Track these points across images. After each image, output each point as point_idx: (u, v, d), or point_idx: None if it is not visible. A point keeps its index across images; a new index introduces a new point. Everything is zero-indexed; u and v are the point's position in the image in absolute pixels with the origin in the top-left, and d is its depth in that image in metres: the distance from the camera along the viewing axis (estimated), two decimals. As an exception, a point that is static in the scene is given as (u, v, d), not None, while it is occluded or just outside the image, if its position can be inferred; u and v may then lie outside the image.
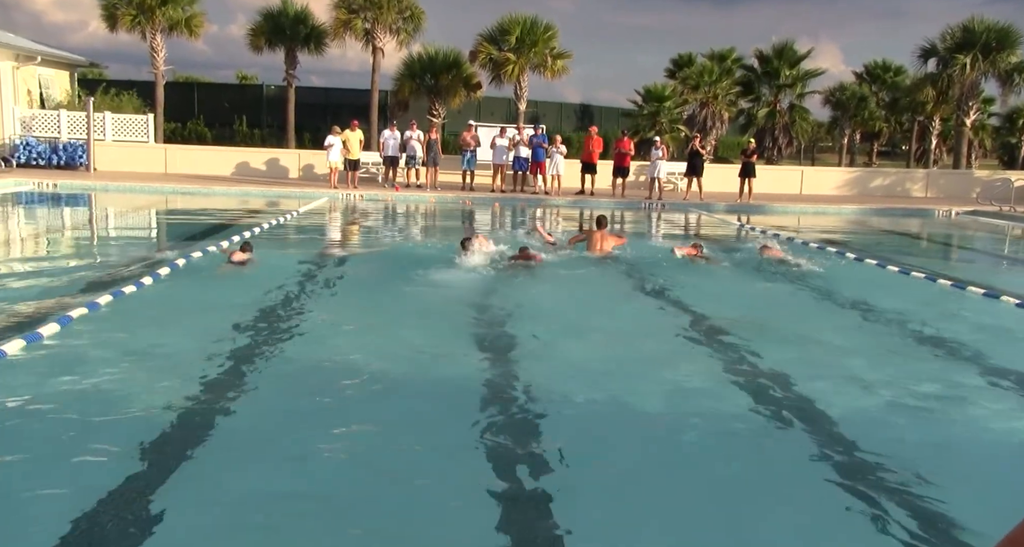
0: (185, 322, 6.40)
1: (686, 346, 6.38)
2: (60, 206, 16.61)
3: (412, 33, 26.33)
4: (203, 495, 3.53)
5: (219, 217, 15.17)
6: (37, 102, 23.60)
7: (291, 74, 28.02)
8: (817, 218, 19.25)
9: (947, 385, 5.44)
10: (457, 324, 6.76)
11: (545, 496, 3.57)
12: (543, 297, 8.09)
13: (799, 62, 31.56)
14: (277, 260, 9.52)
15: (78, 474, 3.67)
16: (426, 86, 26.92)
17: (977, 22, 26.49)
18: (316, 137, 26.12)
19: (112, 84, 26.91)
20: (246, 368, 5.25)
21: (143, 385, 4.80)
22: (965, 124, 28.21)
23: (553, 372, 5.42)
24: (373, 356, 5.62)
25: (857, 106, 36.43)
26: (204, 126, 31.41)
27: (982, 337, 6.93)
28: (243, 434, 4.24)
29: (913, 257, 12.61)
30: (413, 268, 8.95)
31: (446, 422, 4.54)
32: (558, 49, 26.12)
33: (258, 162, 23.97)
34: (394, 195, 20.06)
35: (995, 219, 18.89)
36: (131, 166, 22.57)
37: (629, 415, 4.74)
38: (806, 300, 8.58)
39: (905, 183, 26.00)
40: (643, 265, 9.95)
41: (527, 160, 21.14)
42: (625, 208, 19.55)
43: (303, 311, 7.01)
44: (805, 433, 4.50)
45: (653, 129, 27.96)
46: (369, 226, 15.31)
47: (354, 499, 3.59)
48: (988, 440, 4.56)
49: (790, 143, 32.54)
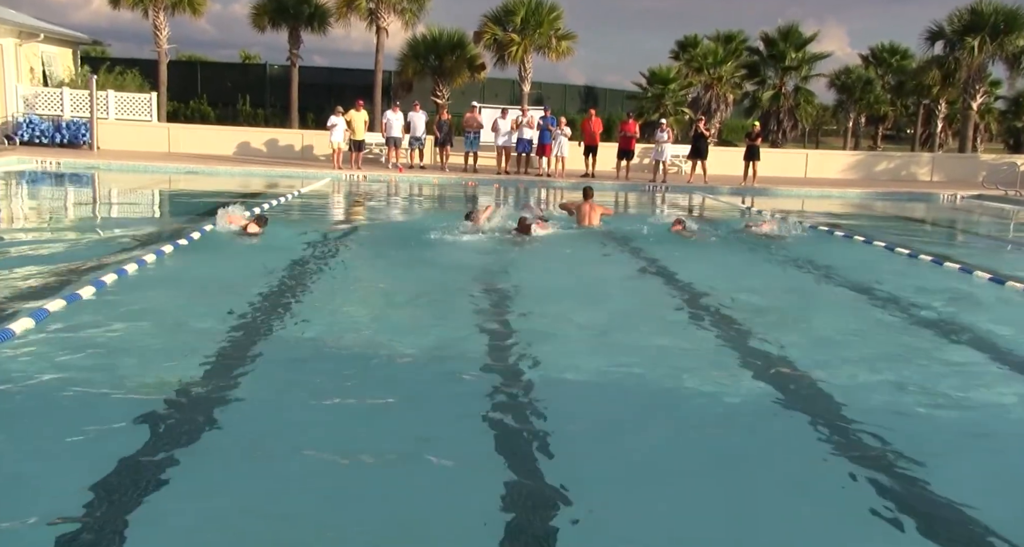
0: (191, 298, 6.43)
1: (671, 314, 6.80)
2: (63, 184, 16.61)
3: (417, 13, 26.20)
4: (208, 478, 3.55)
5: (218, 197, 15.14)
6: (40, 80, 23.52)
7: (295, 53, 27.91)
8: (821, 201, 19.21)
9: (922, 354, 5.54)
10: (459, 297, 6.92)
11: (545, 460, 3.60)
12: (537, 271, 8.48)
13: (805, 45, 31.35)
14: (279, 239, 9.53)
15: (89, 446, 3.70)
16: (430, 67, 26.80)
17: (985, 4, 26.26)
18: (319, 117, 26.04)
19: (115, 62, 26.78)
20: (249, 343, 5.27)
21: (140, 366, 4.83)
22: (971, 107, 28.05)
23: (550, 346, 5.47)
24: (373, 332, 5.64)
25: (863, 89, 36.22)
26: (207, 105, 31.33)
27: (962, 310, 7.18)
28: (245, 415, 4.26)
29: (916, 239, 12.58)
30: (415, 243, 9.34)
31: (445, 398, 4.57)
32: (563, 30, 25.98)
33: (261, 142, 23.91)
34: (397, 176, 20.02)
35: (1001, 203, 18.82)
36: (134, 145, 22.53)
37: (626, 386, 4.89)
38: (787, 273, 9.04)
39: (910, 167, 25.89)
40: (633, 238, 10.57)
41: (531, 142, 21.07)
42: (629, 190, 19.50)
43: (305, 286, 7.04)
44: (796, 405, 4.53)
45: (658, 111, 27.84)
46: (372, 205, 15.29)
47: (350, 482, 3.61)
48: (978, 420, 4.57)
49: (795, 126, 32.39)
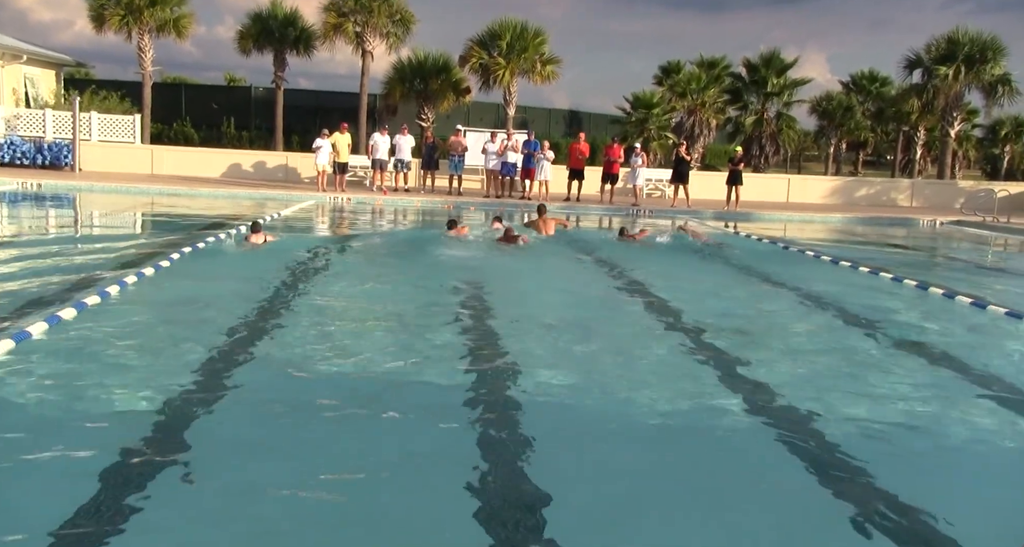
0: (170, 320, 6.36)
1: (623, 313, 7.73)
2: (43, 205, 16.47)
3: (402, 37, 26.39)
4: (198, 486, 3.51)
5: (199, 219, 15.07)
6: (23, 101, 23.43)
7: (280, 76, 27.97)
8: (804, 226, 19.37)
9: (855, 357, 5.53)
10: (442, 308, 7.13)
11: (528, 480, 3.57)
12: (519, 279, 9.26)
13: (786, 71, 31.79)
14: (257, 259, 9.53)
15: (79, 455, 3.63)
16: (415, 90, 26.92)
17: (962, 33, 26.78)
18: (305, 140, 26.08)
19: (100, 85, 26.76)
20: (229, 364, 5.22)
21: (133, 378, 4.76)
22: (949, 135, 28.50)
23: (528, 351, 5.46)
24: (357, 348, 5.61)
25: (843, 116, 36.73)
26: (191, 127, 31.27)
27: (924, 325, 7.43)
28: (234, 422, 4.21)
29: (896, 264, 12.69)
30: (398, 256, 10.25)
31: (430, 411, 4.53)
32: (548, 54, 26.21)
33: (245, 164, 23.86)
34: (382, 198, 20.02)
35: (979, 229, 19.06)
36: (117, 167, 22.42)
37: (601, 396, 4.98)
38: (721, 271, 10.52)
39: (890, 192, 26.20)
40: (592, 245, 12.23)
41: (515, 166, 21.15)
42: (612, 214, 19.58)
43: (286, 304, 6.98)
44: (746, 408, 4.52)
45: (641, 136, 28.08)
46: (354, 225, 15.25)
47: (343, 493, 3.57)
48: (954, 445, 4.56)
49: (777, 151, 32.73)
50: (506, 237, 10.46)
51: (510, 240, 10.39)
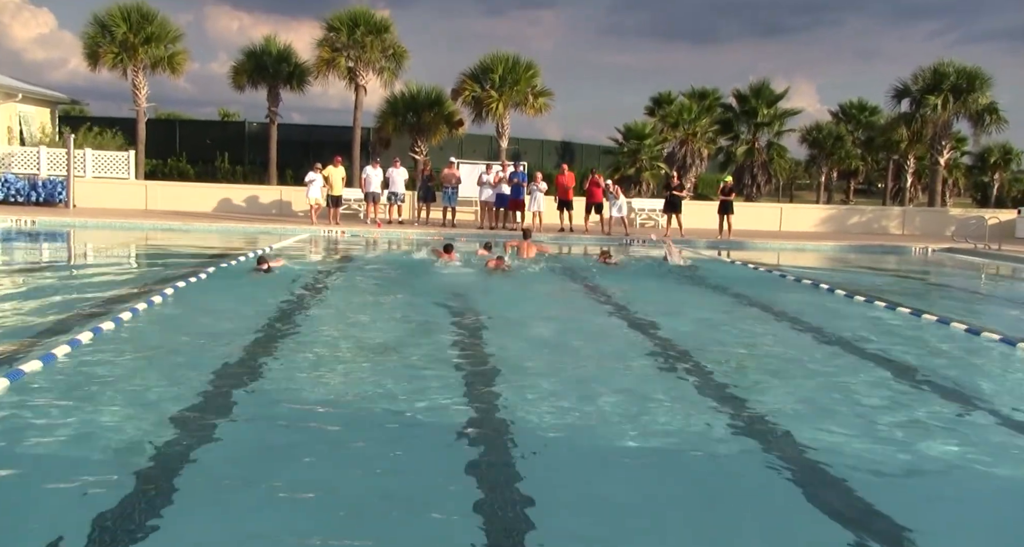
0: (165, 354, 6.33)
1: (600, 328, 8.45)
2: (38, 242, 16.46)
3: (395, 71, 26.63)
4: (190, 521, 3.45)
5: (193, 254, 15.05)
6: (17, 139, 23.53)
7: (273, 111, 28.16)
8: (796, 254, 19.43)
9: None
10: (434, 331, 7.44)
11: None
12: (508, 302, 9.77)
13: (776, 101, 32.15)
14: (247, 292, 9.58)
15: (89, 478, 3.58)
16: (408, 123, 27.14)
17: (947, 65, 27.17)
18: (298, 174, 26.19)
19: (94, 121, 26.90)
20: (223, 395, 5.18)
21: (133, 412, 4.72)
22: (939, 163, 28.76)
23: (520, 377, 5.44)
24: (353, 374, 5.57)
25: (833, 145, 37.07)
26: (186, 163, 31.42)
27: (912, 350, 7.48)
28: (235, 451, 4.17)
29: (891, 292, 12.72)
30: (389, 284, 10.74)
31: (426, 441, 4.49)
32: (540, 87, 26.48)
33: (239, 199, 23.93)
34: (376, 231, 20.05)
35: (971, 256, 19.13)
36: (111, 203, 22.47)
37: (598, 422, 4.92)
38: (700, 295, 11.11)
39: (882, 220, 26.37)
40: (574, 269, 13.64)
41: (508, 197, 21.24)
42: (606, 243, 19.60)
43: (278, 334, 6.96)
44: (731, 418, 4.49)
45: (634, 166, 28.29)
46: (348, 257, 15.26)
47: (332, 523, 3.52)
48: (948, 471, 4.53)
49: (768, 180, 33.00)
50: (492, 263, 11.87)
51: (498, 265, 11.80)
